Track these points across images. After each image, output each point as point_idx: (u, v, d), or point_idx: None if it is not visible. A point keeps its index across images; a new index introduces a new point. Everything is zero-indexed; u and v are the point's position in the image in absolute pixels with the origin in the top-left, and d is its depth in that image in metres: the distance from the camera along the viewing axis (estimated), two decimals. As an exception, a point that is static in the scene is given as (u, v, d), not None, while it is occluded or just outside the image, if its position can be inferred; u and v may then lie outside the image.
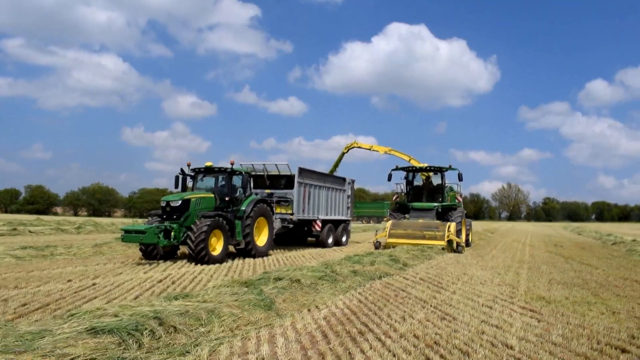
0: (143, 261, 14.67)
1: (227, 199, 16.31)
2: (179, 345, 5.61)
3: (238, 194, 17.04)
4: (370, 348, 5.88)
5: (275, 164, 20.66)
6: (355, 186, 26.62)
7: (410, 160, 28.63)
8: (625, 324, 7.60)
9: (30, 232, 27.14)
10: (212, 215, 14.82)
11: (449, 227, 20.25)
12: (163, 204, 15.35)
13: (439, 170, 23.65)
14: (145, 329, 5.61)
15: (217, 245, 14.94)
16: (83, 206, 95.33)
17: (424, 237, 20.10)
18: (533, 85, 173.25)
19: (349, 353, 5.68)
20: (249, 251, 16.65)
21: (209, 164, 16.98)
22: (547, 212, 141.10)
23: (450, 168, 23.30)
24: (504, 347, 6.07)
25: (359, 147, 32.03)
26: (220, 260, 14.84)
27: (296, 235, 22.84)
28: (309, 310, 8.03)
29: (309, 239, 23.28)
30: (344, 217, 24.62)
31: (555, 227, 76.62)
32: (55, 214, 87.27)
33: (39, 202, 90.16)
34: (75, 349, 4.88)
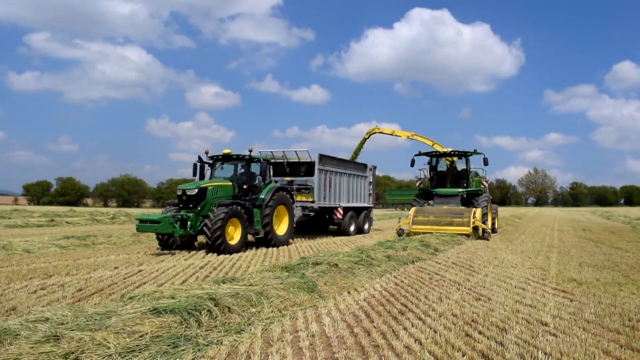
0: (174, 251, 15.13)
1: (245, 187, 15.98)
2: (234, 324, 6.04)
3: (257, 181, 16.64)
4: (412, 326, 6.24)
5: (295, 151, 20.37)
6: (380, 173, 27.02)
7: (433, 145, 27.82)
8: (656, 303, 7.83)
9: (67, 222, 28.03)
10: (229, 204, 14.53)
11: (474, 213, 19.80)
12: (179, 192, 15.02)
13: (463, 155, 22.95)
14: (203, 309, 6.05)
15: (234, 235, 14.62)
16: (113, 197, 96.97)
17: (448, 224, 19.64)
18: (558, 68, 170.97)
19: (393, 330, 6.04)
20: (268, 241, 16.22)
21: (226, 151, 16.62)
22: (575, 197, 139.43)
23: (475, 152, 22.72)
24: (539, 324, 6.38)
25: (381, 133, 31.35)
26: (237, 249, 14.51)
27: (317, 223, 22.40)
28: (348, 292, 8.41)
29: (331, 227, 22.88)
30: (365, 204, 24.17)
31: (583, 212, 75.85)
32: (86, 205, 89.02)
33: (70, 194, 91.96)
34: (142, 327, 5.33)
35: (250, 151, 16.20)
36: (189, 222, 14.35)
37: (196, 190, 14.72)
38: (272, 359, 4.92)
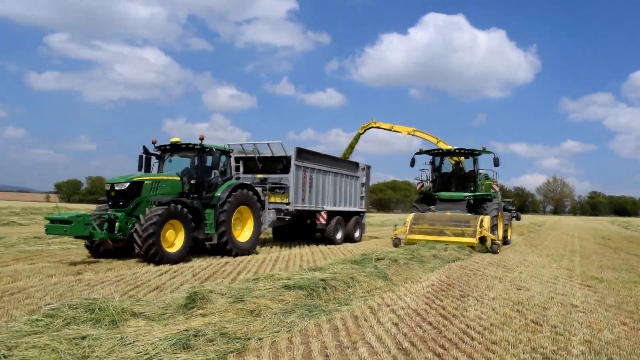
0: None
1: (192, 182, 13.50)
2: (341, 299, 8.06)
3: (212, 177, 14.23)
4: (474, 304, 8.22)
5: (268, 144, 17.64)
6: (399, 178, 24.68)
7: (437, 142, 24.29)
8: (664, 295, 9.74)
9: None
10: (168, 202, 12.16)
11: (481, 221, 17.26)
12: (107, 187, 12.63)
13: (471, 154, 19.85)
14: (319, 287, 8.08)
15: (175, 241, 12.38)
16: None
17: (451, 234, 17.27)
18: (575, 76, 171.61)
19: (462, 307, 8.03)
20: (225, 249, 13.83)
21: (175, 139, 14.11)
22: (593, 206, 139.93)
23: (484, 151, 19.67)
24: (571, 306, 8.32)
25: (378, 128, 27.87)
26: (179, 259, 12.16)
27: (298, 229, 20.01)
28: (412, 282, 10.38)
29: (317, 234, 20.07)
30: (356, 209, 21.37)
31: (602, 221, 77.06)
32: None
33: (99, 192, 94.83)
34: (284, 297, 7.38)
35: (202, 139, 13.69)
36: (117, 224, 12.13)
37: (127, 184, 12.36)
38: (383, 319, 6.92)
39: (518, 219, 62.25)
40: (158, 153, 14.46)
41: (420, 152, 20.62)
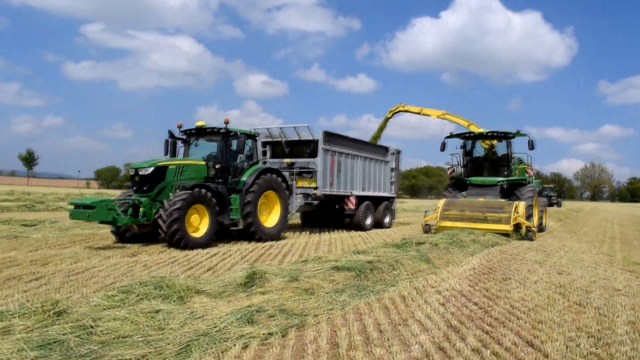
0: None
1: (217, 166, 13.44)
2: (387, 280, 8.39)
3: (237, 161, 14.11)
4: (517, 287, 8.45)
5: (294, 127, 17.38)
6: (430, 163, 23.76)
7: (469, 126, 23.73)
8: None
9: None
10: (192, 186, 12.12)
11: (516, 207, 16.62)
12: (131, 172, 12.64)
13: (504, 137, 19.10)
14: (366, 268, 8.42)
15: (200, 226, 12.35)
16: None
17: (484, 220, 16.59)
18: (613, 58, 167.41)
19: (505, 289, 8.27)
20: (251, 233, 13.74)
21: (200, 123, 14.07)
22: (633, 192, 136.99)
23: (518, 134, 18.97)
24: (613, 290, 8.48)
25: (406, 111, 27.36)
26: (204, 244, 12.12)
27: (327, 214, 19.71)
28: (453, 265, 10.64)
29: (346, 219, 19.90)
30: (386, 194, 21.11)
31: (642, 207, 75.53)
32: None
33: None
34: (334, 278, 7.76)
35: (227, 123, 13.62)
36: (141, 209, 12.18)
37: (151, 169, 12.30)
38: (429, 300, 7.22)
39: (559, 205, 61.54)
40: (184, 137, 14.44)
41: (451, 136, 20.07)
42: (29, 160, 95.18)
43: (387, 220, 20.88)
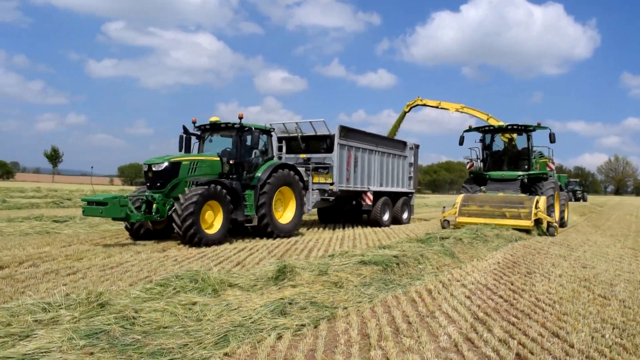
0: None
1: (231, 162, 13.35)
2: (413, 274, 8.54)
3: (252, 157, 13.88)
4: (541, 280, 8.56)
5: (310, 122, 17.16)
6: (451, 158, 22.28)
7: (488, 119, 23.05)
8: None
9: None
10: (206, 182, 12.09)
11: (536, 202, 16.19)
12: (145, 168, 12.51)
13: (524, 130, 18.78)
14: (392, 263, 8.59)
15: (214, 222, 12.26)
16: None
17: (504, 216, 16.26)
18: (637, 50, 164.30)
19: (529, 282, 8.38)
20: (265, 230, 13.60)
21: (214, 119, 14.00)
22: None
23: (538, 127, 18.59)
24: (637, 282, 8.55)
25: (424, 105, 26.75)
26: (218, 240, 12.09)
27: (343, 210, 19.46)
28: (477, 259, 10.75)
29: (364, 215, 19.62)
30: (404, 189, 20.81)
31: (667, 201, 74.43)
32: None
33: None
34: (361, 272, 7.93)
35: (241, 118, 13.48)
36: (154, 205, 12.08)
37: (165, 165, 12.21)
38: (455, 293, 7.37)
39: (584, 199, 60.86)
40: (198, 133, 14.35)
41: (470, 130, 19.60)
42: (54, 157, 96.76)
43: (405, 216, 20.61)
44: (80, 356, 4.17)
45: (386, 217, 19.11)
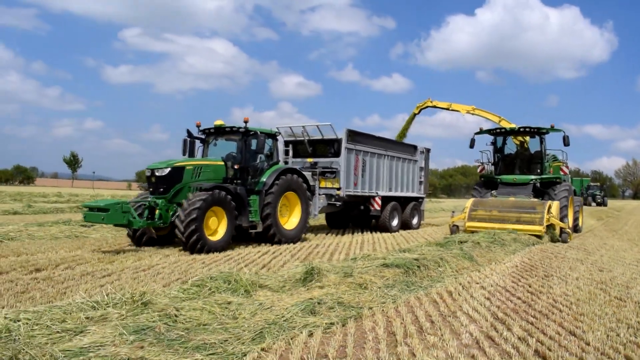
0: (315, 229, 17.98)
1: (236, 167, 13.07)
2: (433, 276, 8.85)
3: (257, 161, 13.67)
4: (559, 283, 8.82)
5: (317, 125, 16.86)
6: (467, 162, 21.59)
7: (500, 122, 22.59)
8: None
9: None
10: (211, 188, 11.76)
11: (549, 207, 15.79)
12: (148, 173, 12.27)
13: (537, 133, 18.21)
14: (414, 265, 8.90)
15: (218, 228, 11.97)
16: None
17: (515, 221, 15.78)
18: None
19: (547, 285, 8.65)
20: (270, 236, 13.33)
21: (219, 122, 13.68)
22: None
23: (552, 129, 17.95)
24: (654, 286, 8.79)
25: (434, 107, 26.13)
26: (222, 247, 11.84)
27: (352, 215, 19.19)
28: (495, 263, 11.01)
29: (373, 221, 19.23)
30: (414, 194, 20.45)
31: (686, 205, 73.72)
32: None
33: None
34: (384, 274, 8.26)
35: (246, 122, 13.19)
36: (157, 211, 11.88)
37: (168, 170, 12.00)
38: (475, 294, 7.66)
39: (605, 204, 60.39)
40: (202, 137, 14.05)
41: (481, 132, 19.04)
42: (74, 163, 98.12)
43: (415, 221, 20.32)
44: (132, 349, 4.53)
45: (395, 222, 18.91)
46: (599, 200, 60.82)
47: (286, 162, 15.68)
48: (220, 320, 5.60)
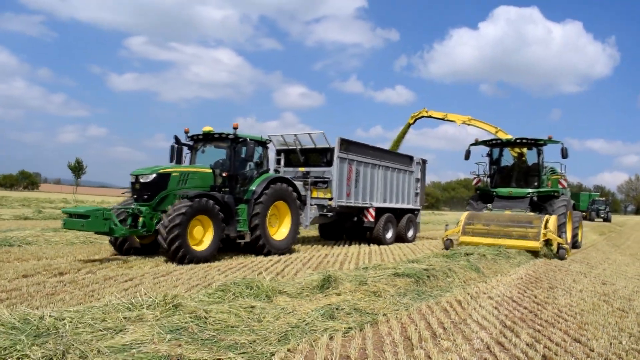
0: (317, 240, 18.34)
1: (224, 174, 12.74)
2: (442, 286, 9.22)
3: (247, 169, 13.34)
4: (563, 295, 9.17)
5: (309, 134, 16.50)
6: (469, 175, 19.28)
7: (497, 133, 21.81)
8: None
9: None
10: (195, 195, 11.34)
11: (546, 222, 15.11)
12: (132, 179, 11.79)
13: (535, 144, 17.66)
14: (423, 275, 9.27)
15: (204, 238, 11.63)
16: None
17: (510, 236, 15.26)
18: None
19: (552, 296, 9.00)
20: (258, 247, 13.00)
21: (207, 128, 13.22)
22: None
23: (550, 140, 17.42)
24: (655, 299, 9.14)
25: (429, 117, 25.38)
26: (206, 257, 11.46)
27: (345, 227, 18.92)
28: (501, 274, 11.36)
29: (368, 232, 18.51)
30: (410, 206, 20.00)
31: (688, 221, 73.93)
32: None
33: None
34: (396, 283, 8.63)
35: (235, 128, 12.84)
36: (141, 219, 11.52)
37: (152, 176, 11.63)
38: (483, 304, 8.02)
39: (609, 220, 60.30)
40: (190, 143, 13.67)
41: (476, 143, 18.52)
42: (78, 169, 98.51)
43: (410, 234, 19.72)
44: (171, 347, 4.90)
45: (389, 234, 18.49)
46: (603, 216, 59.85)
47: (277, 171, 15.58)
48: (247, 322, 5.97)
